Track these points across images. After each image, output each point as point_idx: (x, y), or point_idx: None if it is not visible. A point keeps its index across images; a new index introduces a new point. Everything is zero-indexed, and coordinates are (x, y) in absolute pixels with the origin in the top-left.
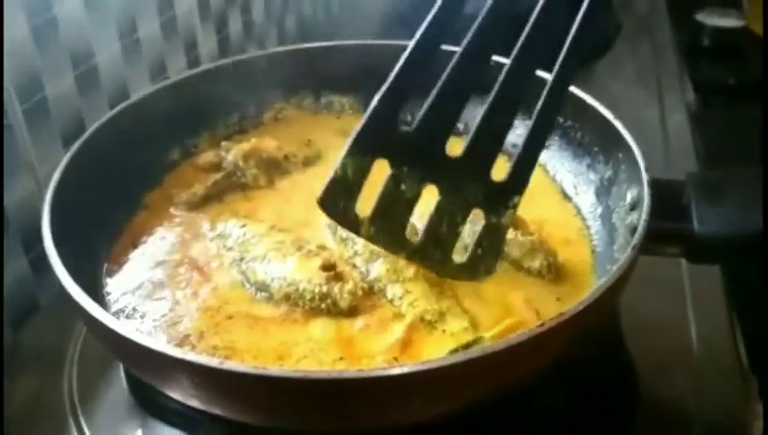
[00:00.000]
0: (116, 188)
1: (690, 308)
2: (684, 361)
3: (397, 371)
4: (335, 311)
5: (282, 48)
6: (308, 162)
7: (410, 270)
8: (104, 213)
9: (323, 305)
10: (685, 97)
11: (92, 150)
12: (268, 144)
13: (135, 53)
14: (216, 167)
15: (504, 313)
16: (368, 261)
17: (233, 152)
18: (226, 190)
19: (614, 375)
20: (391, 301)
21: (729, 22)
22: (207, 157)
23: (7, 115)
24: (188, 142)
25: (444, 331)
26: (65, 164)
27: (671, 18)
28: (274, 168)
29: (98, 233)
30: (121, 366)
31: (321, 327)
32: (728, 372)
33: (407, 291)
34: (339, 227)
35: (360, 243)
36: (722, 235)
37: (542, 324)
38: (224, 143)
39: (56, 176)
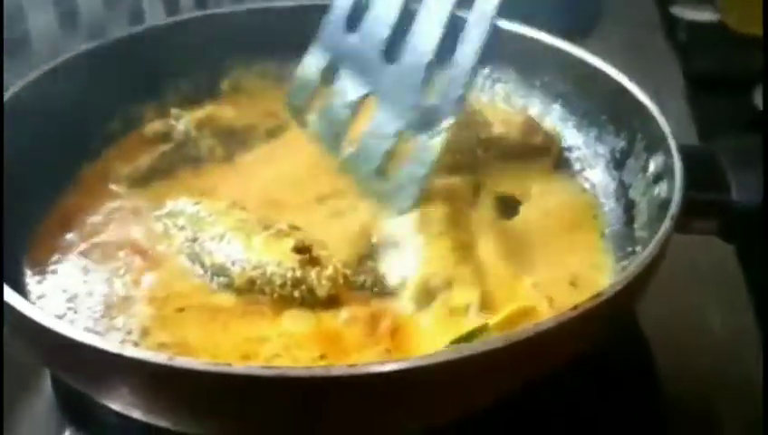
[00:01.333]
0: (42, 162)
1: (709, 290)
2: (704, 346)
3: (390, 367)
4: (311, 300)
5: (242, 6)
6: (271, 134)
7: (437, 226)
8: (28, 192)
9: (296, 293)
10: (677, 76)
11: (13, 117)
12: (225, 112)
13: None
14: (165, 137)
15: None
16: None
17: (184, 120)
18: (176, 164)
19: (632, 362)
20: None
21: (704, 16)
22: (154, 126)
23: None
24: (132, 111)
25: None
26: None
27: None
28: (233, 139)
29: (19, 215)
30: (48, 372)
31: (295, 319)
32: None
33: (426, 244)
34: None
35: None
36: (761, 206)
37: (574, 308)
38: (174, 110)
39: None
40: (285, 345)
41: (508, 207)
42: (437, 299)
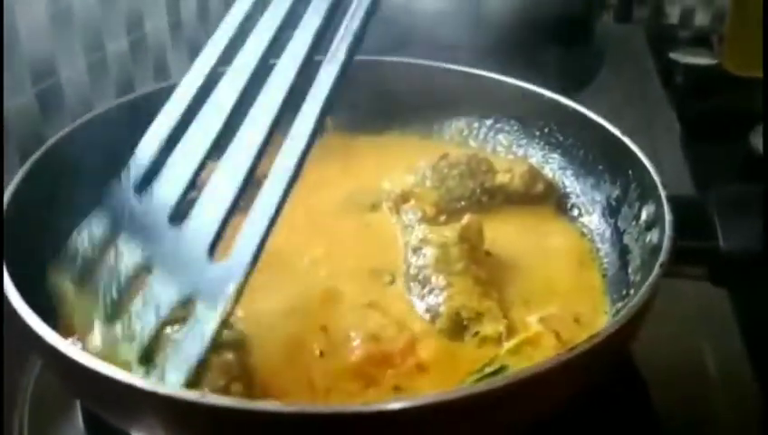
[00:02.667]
0: (74, 206)
1: (704, 328)
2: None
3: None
4: None
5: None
6: None
7: (460, 264)
8: (63, 233)
9: None
10: (673, 124)
11: (48, 166)
12: None
13: (100, 71)
14: None
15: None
16: (418, 248)
17: None
18: None
19: (626, 397)
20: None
21: (702, 60)
22: None
23: None
24: None
25: (476, 334)
26: (17, 182)
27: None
28: None
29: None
30: (78, 405)
31: None
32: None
33: (449, 284)
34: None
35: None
36: (749, 251)
37: (571, 349)
38: None
39: (8, 195)
40: None
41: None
42: (470, 330)
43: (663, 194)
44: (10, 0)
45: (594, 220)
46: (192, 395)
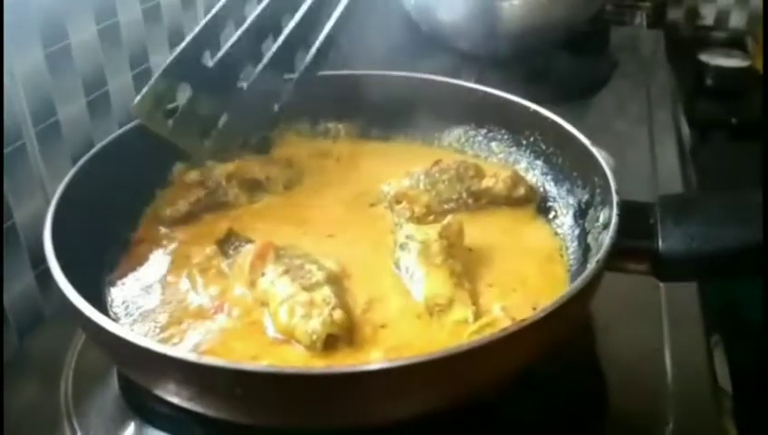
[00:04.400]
0: (119, 203)
1: (666, 330)
2: (658, 383)
3: (372, 367)
4: None
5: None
6: (288, 185)
7: (438, 259)
8: (107, 228)
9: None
10: (676, 133)
11: (96, 168)
12: (251, 166)
13: (145, 82)
14: (201, 184)
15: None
16: (405, 243)
17: (216, 171)
18: (207, 208)
19: (586, 394)
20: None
21: (733, 62)
22: (192, 175)
23: (21, 136)
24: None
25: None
26: (68, 181)
27: (672, 58)
28: (256, 188)
29: (100, 247)
30: (114, 372)
31: None
32: (702, 393)
33: (427, 274)
34: None
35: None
36: (685, 253)
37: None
38: (208, 163)
39: (59, 192)
40: None
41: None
42: (445, 314)
43: (615, 199)
44: (62, 19)
45: (567, 221)
46: (192, 356)
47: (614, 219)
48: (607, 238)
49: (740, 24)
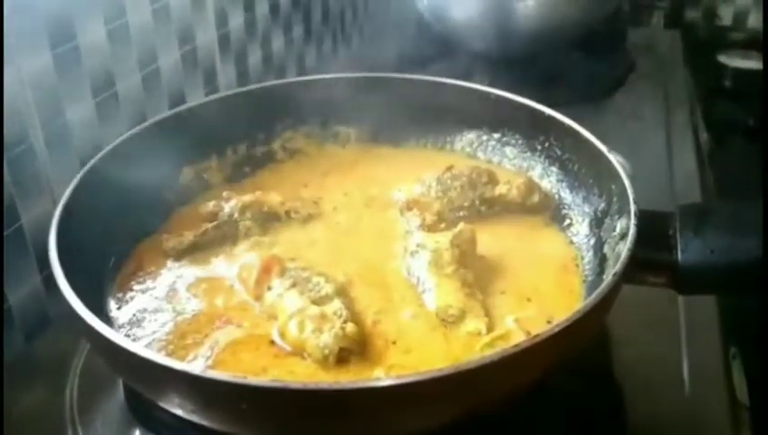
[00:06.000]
0: (125, 210)
1: (684, 342)
2: (675, 395)
3: (382, 383)
4: None
5: (292, 79)
6: (309, 219)
7: (450, 268)
8: (114, 233)
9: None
10: (694, 136)
11: (103, 172)
12: (272, 198)
13: (154, 83)
14: (212, 216)
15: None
16: (415, 252)
17: (231, 204)
18: (216, 241)
19: (602, 407)
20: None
21: (752, 63)
22: (208, 207)
23: (29, 137)
24: (199, 166)
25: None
26: (75, 185)
27: (690, 59)
28: (274, 220)
29: (106, 252)
30: (120, 380)
31: None
32: (719, 406)
33: (438, 284)
34: None
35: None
36: (705, 265)
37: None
38: (225, 193)
39: (65, 197)
40: None
41: (504, 253)
42: (457, 326)
43: (633, 209)
44: (70, 20)
45: (582, 230)
46: (196, 369)
47: (632, 230)
48: (624, 250)
49: (758, 24)
